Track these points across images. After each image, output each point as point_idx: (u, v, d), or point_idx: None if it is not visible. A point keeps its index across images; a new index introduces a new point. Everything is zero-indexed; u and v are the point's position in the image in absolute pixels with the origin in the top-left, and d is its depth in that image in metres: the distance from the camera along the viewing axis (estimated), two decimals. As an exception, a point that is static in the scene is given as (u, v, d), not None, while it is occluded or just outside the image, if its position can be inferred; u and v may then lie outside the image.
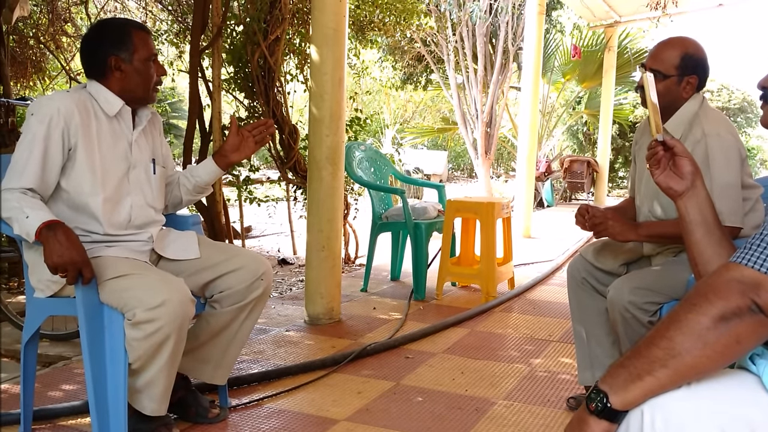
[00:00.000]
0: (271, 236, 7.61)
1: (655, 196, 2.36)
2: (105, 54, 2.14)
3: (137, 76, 2.17)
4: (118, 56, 2.14)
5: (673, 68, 2.24)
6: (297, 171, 4.93)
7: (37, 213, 1.92)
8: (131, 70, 2.16)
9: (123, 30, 2.17)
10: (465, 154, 18.54)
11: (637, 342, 1.10)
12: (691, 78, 2.25)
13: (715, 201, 2.15)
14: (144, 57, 2.17)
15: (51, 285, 2.04)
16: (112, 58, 2.14)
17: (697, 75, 2.26)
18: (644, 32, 11.51)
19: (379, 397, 2.64)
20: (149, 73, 2.19)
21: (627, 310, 2.16)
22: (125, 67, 2.15)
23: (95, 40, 2.18)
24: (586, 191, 11.19)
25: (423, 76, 12.55)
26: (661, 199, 2.34)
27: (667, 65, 2.25)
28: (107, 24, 2.26)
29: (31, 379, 2.16)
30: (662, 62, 2.26)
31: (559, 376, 2.94)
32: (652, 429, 1.04)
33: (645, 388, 1.05)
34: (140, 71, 2.17)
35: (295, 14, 4.82)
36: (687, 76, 2.25)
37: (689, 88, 2.26)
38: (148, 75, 2.19)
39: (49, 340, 3.24)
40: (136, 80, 2.17)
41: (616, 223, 2.27)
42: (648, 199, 2.39)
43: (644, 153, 2.43)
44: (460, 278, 4.58)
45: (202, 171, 2.45)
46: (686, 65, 2.24)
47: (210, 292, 2.28)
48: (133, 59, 2.16)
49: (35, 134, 2.02)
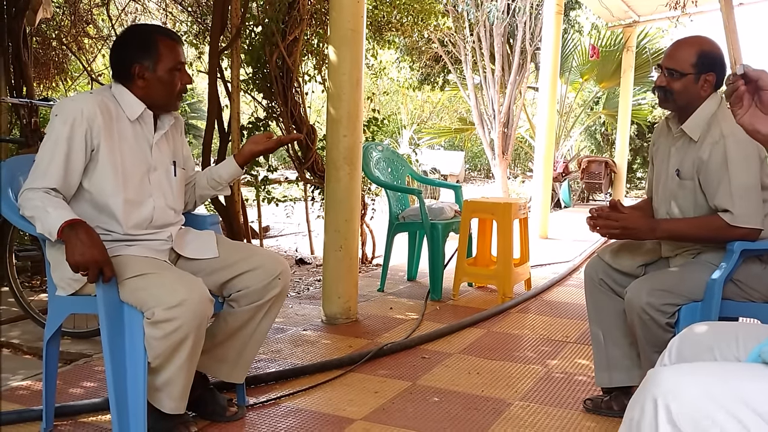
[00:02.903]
0: (288, 236, 7.64)
1: (673, 197, 2.35)
2: (130, 61, 2.16)
3: (160, 84, 2.18)
4: (142, 64, 2.15)
5: (690, 66, 2.24)
6: (315, 171, 4.95)
7: (60, 212, 1.95)
8: (154, 79, 2.16)
9: (149, 38, 2.17)
10: (482, 155, 18.48)
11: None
12: (708, 76, 2.24)
13: (735, 203, 2.15)
14: (169, 66, 2.17)
15: (73, 283, 2.06)
16: (136, 66, 2.15)
17: (715, 72, 2.25)
18: (663, 32, 11.42)
19: (395, 396, 2.65)
20: (173, 82, 2.20)
21: (645, 311, 2.15)
22: (148, 75, 2.16)
23: (122, 45, 2.20)
24: (604, 192, 11.12)
25: (440, 77, 12.53)
26: (678, 201, 2.33)
27: (684, 64, 2.24)
28: (135, 30, 2.28)
29: (53, 376, 2.19)
30: (678, 61, 2.25)
31: (575, 377, 2.93)
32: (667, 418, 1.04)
33: None
34: (163, 80, 2.17)
35: (313, 15, 4.84)
36: (704, 74, 2.24)
37: (707, 86, 2.25)
38: (172, 84, 2.19)
39: (70, 337, 3.28)
40: (158, 89, 2.18)
41: (631, 227, 2.25)
42: (665, 202, 2.38)
43: (662, 154, 2.44)
44: (477, 279, 4.57)
45: (222, 168, 2.47)
46: (703, 63, 2.24)
47: (228, 291, 2.29)
48: (157, 68, 2.16)
49: (58, 135, 2.05)
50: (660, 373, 1.12)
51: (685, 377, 1.09)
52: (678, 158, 2.33)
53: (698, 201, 2.28)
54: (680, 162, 2.32)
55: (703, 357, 1.37)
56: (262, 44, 4.59)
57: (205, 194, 2.52)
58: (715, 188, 2.19)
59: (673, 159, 2.36)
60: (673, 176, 2.34)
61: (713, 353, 1.36)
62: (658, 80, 2.30)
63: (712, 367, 1.20)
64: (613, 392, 2.52)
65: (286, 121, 4.74)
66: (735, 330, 1.40)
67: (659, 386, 1.08)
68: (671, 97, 2.28)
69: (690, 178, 2.28)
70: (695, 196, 2.28)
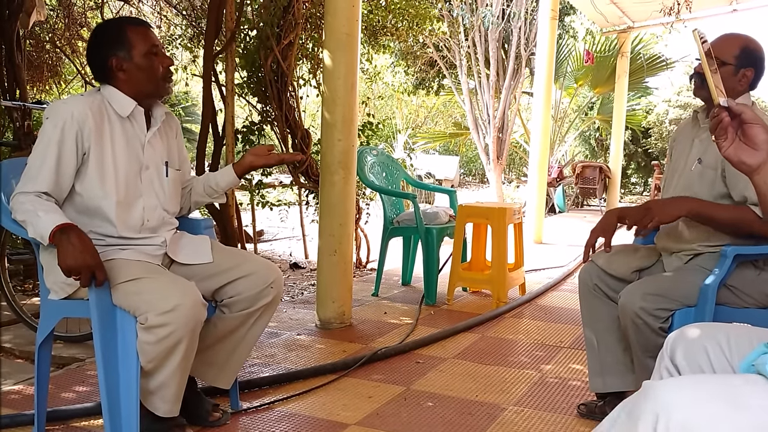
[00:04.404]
0: (283, 240, 7.63)
1: (689, 186, 2.32)
2: (105, 56, 2.15)
3: (140, 72, 2.16)
4: (117, 56, 2.14)
5: (732, 57, 2.24)
6: (309, 175, 4.95)
7: (51, 216, 1.94)
8: (133, 68, 2.15)
9: (118, 28, 2.17)
10: (477, 160, 18.50)
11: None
12: (747, 71, 2.25)
13: None
14: (143, 51, 2.15)
15: (65, 287, 2.05)
16: (112, 59, 2.14)
17: (755, 69, 2.26)
18: (658, 38, 11.45)
19: (389, 401, 2.64)
20: (153, 66, 2.17)
21: (638, 316, 2.15)
22: (126, 65, 2.14)
23: (94, 44, 2.19)
24: (598, 197, 11.14)
25: (435, 81, 12.53)
26: (694, 189, 2.29)
27: (727, 54, 2.24)
28: (103, 26, 2.27)
29: (44, 381, 2.18)
30: (722, 50, 2.24)
31: (569, 382, 2.93)
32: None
33: None
34: (142, 66, 2.15)
35: (308, 19, 4.84)
36: (744, 69, 2.25)
37: (744, 81, 2.26)
38: (152, 68, 2.17)
39: (62, 341, 3.26)
40: (140, 76, 2.16)
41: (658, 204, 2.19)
42: (680, 191, 2.35)
43: (682, 146, 2.42)
44: (471, 283, 4.57)
45: (219, 176, 2.47)
46: (745, 57, 2.24)
47: (220, 297, 2.29)
48: (133, 56, 2.14)
49: (50, 138, 2.04)
50: (658, 387, 1.12)
51: (684, 392, 1.09)
52: (701, 148, 2.32)
53: (716, 191, 2.24)
54: (703, 152, 2.30)
55: (697, 358, 1.37)
56: (256, 48, 4.58)
57: (201, 201, 2.52)
58: (745, 181, 2.17)
59: (695, 149, 2.35)
60: (694, 165, 2.32)
61: (707, 355, 1.37)
62: (698, 66, 2.29)
63: (709, 380, 1.20)
64: (607, 397, 2.52)
65: (280, 125, 4.74)
66: (727, 331, 1.41)
67: (658, 401, 1.08)
68: (707, 84, 2.28)
69: (713, 168, 2.25)
70: (713, 186, 2.25)
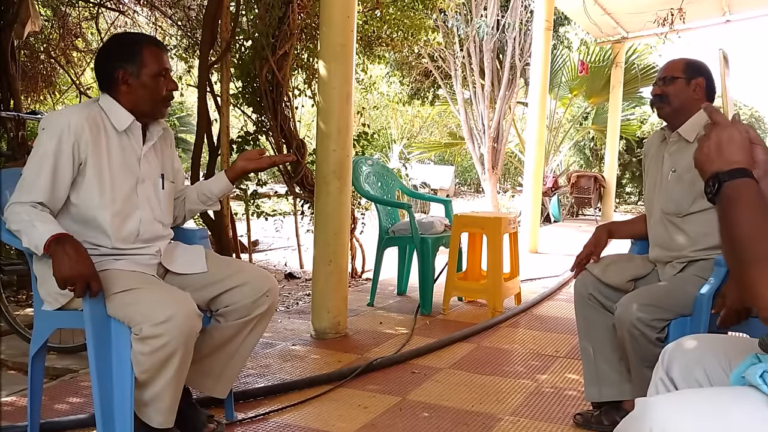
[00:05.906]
0: (278, 250, 7.62)
1: (669, 193, 2.41)
2: (113, 67, 2.15)
3: (144, 90, 2.16)
4: (126, 70, 2.14)
5: (680, 71, 2.42)
6: (304, 185, 4.95)
7: (46, 226, 1.93)
8: (138, 85, 2.15)
9: (133, 44, 2.17)
10: (472, 169, 18.54)
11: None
12: (698, 80, 2.40)
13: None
14: (153, 72, 2.16)
15: (59, 298, 2.04)
16: (119, 72, 2.14)
17: (704, 78, 2.40)
18: (652, 48, 11.53)
19: (384, 412, 2.63)
20: (157, 88, 2.18)
21: (635, 327, 2.15)
22: (132, 81, 2.15)
23: (106, 52, 2.20)
24: (593, 207, 11.16)
25: (430, 92, 12.58)
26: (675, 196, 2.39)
27: (675, 70, 2.43)
28: (119, 37, 2.29)
29: (38, 392, 2.17)
30: (670, 69, 2.45)
31: (565, 392, 2.92)
32: None
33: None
34: (147, 86, 2.16)
35: (304, 30, 4.85)
36: (694, 79, 2.40)
37: (699, 90, 2.39)
38: (156, 90, 2.18)
39: (56, 352, 3.24)
40: (142, 95, 2.16)
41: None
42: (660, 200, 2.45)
43: (655, 162, 2.52)
44: (467, 293, 4.57)
45: (213, 183, 2.46)
46: (691, 69, 2.42)
47: (215, 307, 2.28)
48: (141, 74, 2.15)
49: (46, 149, 2.03)
50: (653, 404, 1.12)
51: (674, 407, 1.10)
52: (673, 160, 2.43)
53: (696, 190, 2.30)
54: (675, 163, 2.41)
55: (694, 373, 1.38)
56: (252, 58, 4.59)
57: (195, 209, 2.51)
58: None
59: (667, 162, 2.45)
60: (669, 175, 2.42)
61: (702, 367, 1.37)
62: (654, 90, 2.46)
63: (699, 394, 1.21)
64: (602, 407, 2.52)
65: (275, 136, 4.74)
66: (724, 343, 1.41)
67: (651, 418, 1.09)
68: (666, 100, 2.43)
69: (687, 171, 2.33)
70: (693, 185, 2.31)
